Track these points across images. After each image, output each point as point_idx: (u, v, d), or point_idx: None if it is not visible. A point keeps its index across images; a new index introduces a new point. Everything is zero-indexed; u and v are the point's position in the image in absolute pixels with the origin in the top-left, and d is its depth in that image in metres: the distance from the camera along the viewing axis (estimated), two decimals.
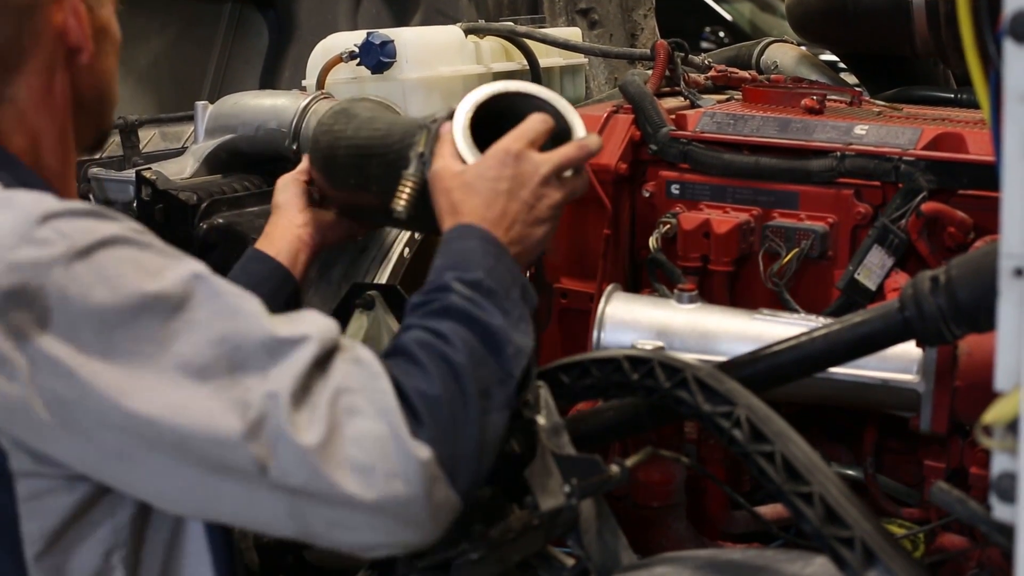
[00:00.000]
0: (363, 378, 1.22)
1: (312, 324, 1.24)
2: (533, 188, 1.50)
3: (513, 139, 1.52)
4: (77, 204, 1.24)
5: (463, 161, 1.54)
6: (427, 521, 1.21)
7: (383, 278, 2.32)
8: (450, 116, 1.60)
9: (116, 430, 1.16)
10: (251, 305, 1.22)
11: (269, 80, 3.21)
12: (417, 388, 1.23)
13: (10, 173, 1.31)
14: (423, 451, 1.19)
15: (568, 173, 1.54)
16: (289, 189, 1.91)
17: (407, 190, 1.62)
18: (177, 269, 1.21)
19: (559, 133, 1.59)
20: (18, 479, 1.20)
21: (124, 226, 1.23)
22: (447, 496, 1.22)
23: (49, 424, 1.16)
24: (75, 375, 1.15)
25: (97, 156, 2.63)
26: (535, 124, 1.54)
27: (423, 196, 1.60)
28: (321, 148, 1.89)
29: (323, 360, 1.22)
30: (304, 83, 2.54)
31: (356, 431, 1.18)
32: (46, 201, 1.21)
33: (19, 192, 1.24)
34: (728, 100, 2.26)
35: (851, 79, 2.84)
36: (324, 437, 1.17)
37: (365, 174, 1.80)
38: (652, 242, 1.98)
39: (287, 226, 1.88)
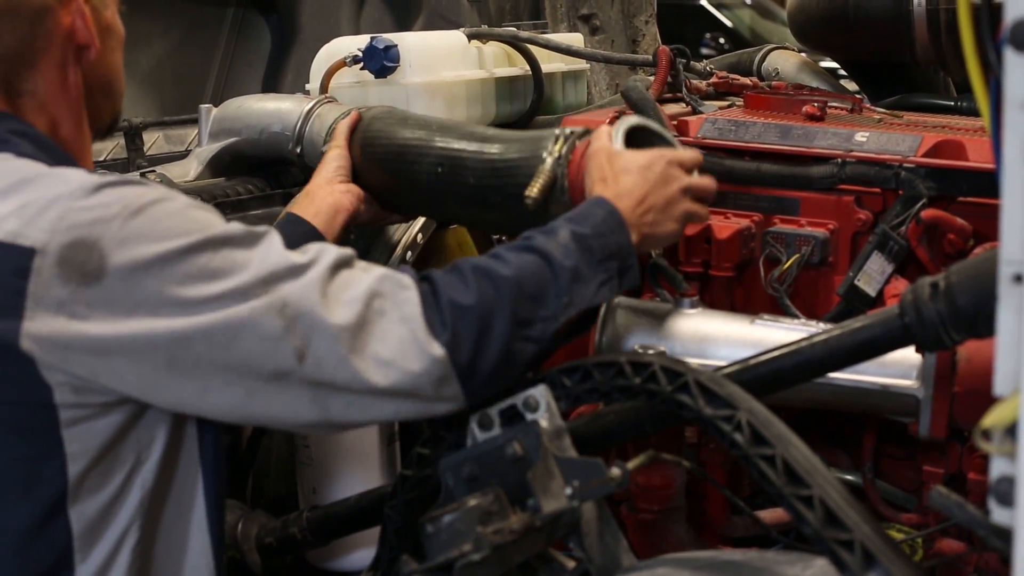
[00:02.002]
0: (393, 287, 1.43)
1: (324, 244, 1.46)
2: (674, 191, 1.70)
3: (671, 151, 1.75)
4: (126, 175, 1.43)
5: None
6: (432, 406, 1.44)
7: None
8: (586, 132, 1.84)
9: (166, 349, 1.35)
10: (276, 243, 1.43)
11: (271, 83, 3.22)
12: (451, 298, 1.43)
13: (50, 154, 1.48)
14: (437, 350, 1.40)
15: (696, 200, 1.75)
16: (342, 160, 2.09)
17: (542, 180, 1.81)
18: (216, 220, 1.41)
19: None
20: (61, 409, 1.38)
21: (167, 190, 1.43)
22: (455, 393, 1.43)
23: (105, 356, 1.35)
24: (134, 310, 1.34)
25: (101, 158, 2.65)
26: (689, 153, 1.79)
27: (550, 191, 1.81)
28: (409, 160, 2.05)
29: (350, 262, 1.45)
30: (308, 87, 2.54)
31: (382, 330, 1.39)
32: (94, 176, 1.41)
33: (68, 169, 1.43)
34: (730, 106, 2.27)
35: (852, 86, 2.85)
36: (355, 324, 1.38)
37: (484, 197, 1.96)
38: None
39: (330, 190, 2.04)
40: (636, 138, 1.83)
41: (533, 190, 1.82)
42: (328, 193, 2.03)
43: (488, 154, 1.94)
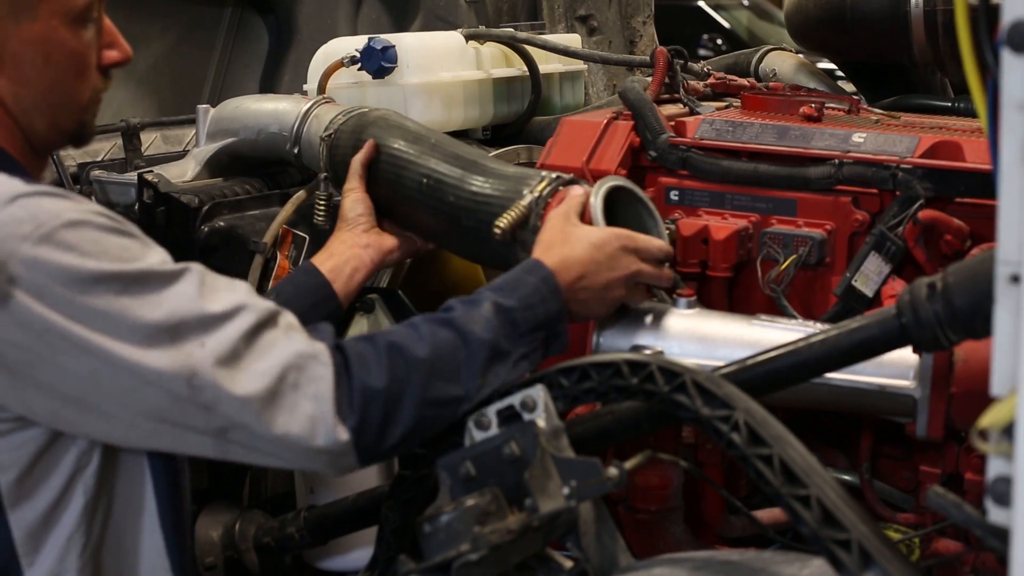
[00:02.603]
0: (309, 361, 1.41)
1: (247, 296, 1.43)
2: (617, 276, 1.69)
3: (629, 236, 1.72)
4: (44, 186, 1.39)
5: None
6: (328, 471, 1.45)
7: (383, 282, 2.33)
8: (573, 181, 1.84)
9: (76, 380, 1.35)
10: (189, 287, 1.39)
11: (269, 84, 3.22)
12: (363, 380, 1.42)
13: None
14: (343, 435, 1.40)
15: (640, 284, 1.76)
16: (360, 206, 2.03)
17: (514, 215, 1.82)
18: (134, 251, 1.39)
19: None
20: None
21: (88, 209, 1.39)
22: (351, 464, 1.44)
23: (11, 379, 1.35)
24: (41, 337, 1.33)
25: (99, 159, 2.65)
26: (655, 242, 1.75)
27: (521, 227, 1.82)
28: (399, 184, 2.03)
29: (273, 323, 1.42)
30: (305, 87, 2.55)
31: (292, 404, 1.39)
32: (15, 183, 1.38)
33: None
34: (727, 107, 2.27)
35: (849, 87, 2.86)
36: (265, 396, 1.37)
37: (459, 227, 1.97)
38: None
39: (351, 244, 1.99)
40: (618, 199, 1.83)
41: (503, 222, 1.82)
42: (348, 247, 1.98)
43: (474, 181, 1.95)
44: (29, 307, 1.32)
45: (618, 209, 1.82)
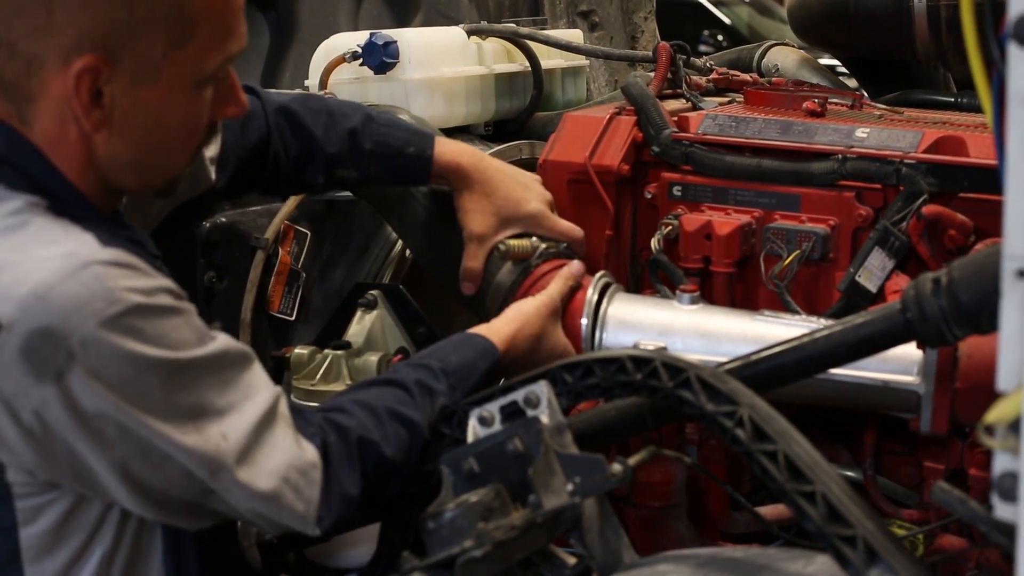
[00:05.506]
0: (310, 468, 1.50)
1: (252, 377, 1.49)
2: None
3: None
4: (117, 253, 1.36)
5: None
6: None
7: (385, 278, 2.33)
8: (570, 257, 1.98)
9: (112, 453, 1.37)
10: (218, 374, 1.44)
11: (270, 80, 3.21)
12: (343, 491, 1.54)
13: (50, 186, 1.44)
14: (315, 530, 1.52)
15: None
16: None
17: (524, 245, 1.95)
18: (182, 336, 1.40)
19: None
20: (14, 485, 1.40)
21: (155, 287, 1.39)
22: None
23: (46, 451, 1.36)
24: (93, 418, 1.34)
25: None
26: None
27: (518, 259, 1.96)
28: None
29: (274, 418, 1.49)
30: (307, 83, 2.55)
31: (290, 502, 1.48)
32: (87, 242, 1.37)
33: (59, 226, 1.40)
34: (730, 103, 2.27)
35: (851, 83, 2.85)
36: (271, 493, 1.46)
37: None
38: (654, 243, 1.99)
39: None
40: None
41: (513, 242, 1.94)
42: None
43: None
44: (84, 386, 1.32)
45: None
